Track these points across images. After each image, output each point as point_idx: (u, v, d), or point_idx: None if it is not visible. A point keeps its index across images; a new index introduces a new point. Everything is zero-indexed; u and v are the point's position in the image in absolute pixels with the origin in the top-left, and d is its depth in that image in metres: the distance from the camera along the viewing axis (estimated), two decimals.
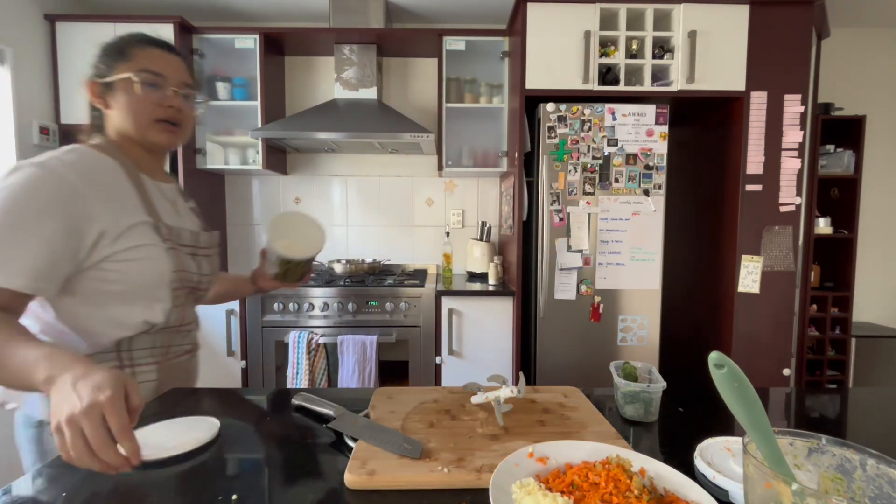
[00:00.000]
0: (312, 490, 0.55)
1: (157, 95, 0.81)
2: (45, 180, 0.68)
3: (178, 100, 0.83)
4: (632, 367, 0.81)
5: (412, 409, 0.75)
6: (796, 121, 1.96)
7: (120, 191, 0.77)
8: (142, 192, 0.81)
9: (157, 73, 0.80)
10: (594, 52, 1.96)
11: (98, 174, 0.75)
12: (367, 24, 2.34)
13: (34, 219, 0.66)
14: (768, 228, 1.99)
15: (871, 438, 0.74)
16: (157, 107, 0.81)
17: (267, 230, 0.95)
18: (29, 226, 0.66)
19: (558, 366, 1.99)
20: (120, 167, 0.79)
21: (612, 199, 1.94)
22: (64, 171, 0.70)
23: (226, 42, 2.32)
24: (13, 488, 0.55)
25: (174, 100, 0.82)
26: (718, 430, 0.69)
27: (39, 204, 0.67)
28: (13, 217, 0.65)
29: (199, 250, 0.91)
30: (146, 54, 0.81)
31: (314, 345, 2.00)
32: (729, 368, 0.40)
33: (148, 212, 0.80)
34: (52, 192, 0.68)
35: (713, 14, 1.94)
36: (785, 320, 2.00)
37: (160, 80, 0.81)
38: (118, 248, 0.74)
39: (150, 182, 0.85)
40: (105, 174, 0.76)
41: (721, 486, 0.53)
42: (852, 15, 2.56)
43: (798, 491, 0.34)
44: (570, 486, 0.49)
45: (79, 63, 2.20)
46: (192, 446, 0.63)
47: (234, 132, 2.43)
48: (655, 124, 1.92)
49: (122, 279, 0.76)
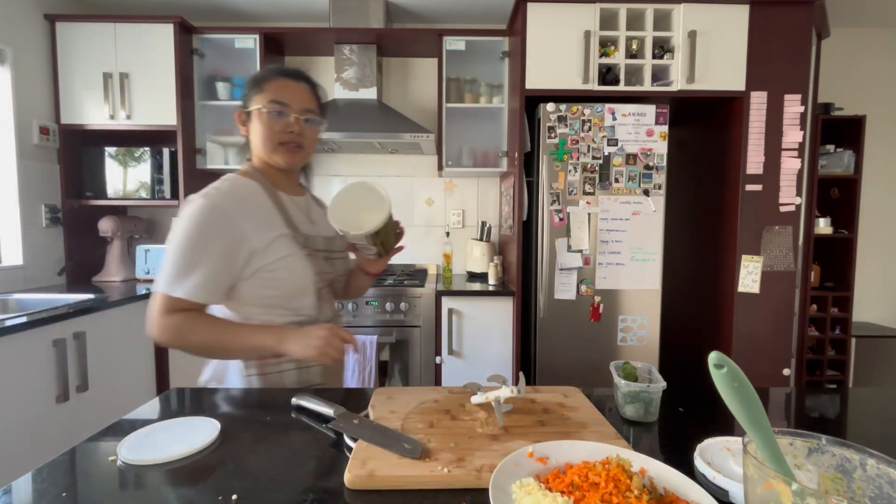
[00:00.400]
0: (312, 490, 0.55)
1: (282, 122, 0.91)
2: (206, 210, 0.83)
3: (299, 125, 0.92)
4: (632, 367, 0.81)
5: (412, 409, 0.75)
6: (796, 121, 1.96)
7: (263, 210, 0.90)
8: (280, 207, 0.93)
9: (282, 103, 0.90)
10: (594, 52, 1.96)
11: (245, 198, 0.89)
12: (367, 24, 2.34)
13: (202, 243, 0.83)
14: (768, 228, 1.99)
15: (871, 438, 0.74)
16: (281, 133, 0.91)
17: (331, 222, 0.91)
18: (199, 249, 0.82)
19: (558, 366, 1.99)
20: (261, 188, 0.93)
21: (612, 199, 1.94)
22: (220, 200, 0.85)
23: (226, 42, 2.32)
24: (13, 488, 0.55)
25: (296, 125, 0.92)
26: (718, 430, 0.69)
27: (204, 230, 0.83)
28: (191, 243, 0.82)
29: (334, 253, 1.02)
30: (276, 85, 0.91)
31: None
32: (729, 368, 0.40)
33: (287, 225, 0.92)
34: (213, 220, 0.84)
35: (713, 14, 1.94)
36: (785, 320, 2.00)
37: (285, 108, 0.91)
38: (267, 260, 0.88)
39: (286, 197, 0.97)
40: (251, 197, 0.90)
41: (721, 486, 0.53)
42: (852, 15, 2.56)
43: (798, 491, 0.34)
44: (570, 486, 0.49)
45: (79, 63, 2.20)
46: (192, 448, 0.63)
47: (234, 132, 2.42)
48: (655, 124, 1.92)
49: (275, 285, 0.89)
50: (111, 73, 2.19)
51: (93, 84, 2.20)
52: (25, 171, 2.08)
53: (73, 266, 2.31)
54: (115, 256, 2.39)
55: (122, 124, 2.22)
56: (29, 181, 2.10)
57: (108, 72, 2.19)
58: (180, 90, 2.21)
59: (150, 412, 0.79)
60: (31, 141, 2.10)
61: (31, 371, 1.47)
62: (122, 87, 2.20)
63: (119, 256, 2.40)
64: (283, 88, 0.91)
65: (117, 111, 2.21)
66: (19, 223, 2.06)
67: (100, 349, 1.74)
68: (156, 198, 2.31)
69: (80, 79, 2.20)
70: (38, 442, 1.48)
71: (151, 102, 2.21)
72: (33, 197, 2.12)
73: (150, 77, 2.20)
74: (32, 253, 2.12)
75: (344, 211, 0.92)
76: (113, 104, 2.20)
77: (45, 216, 2.17)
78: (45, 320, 1.49)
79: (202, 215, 0.83)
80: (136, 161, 2.30)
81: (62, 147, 2.24)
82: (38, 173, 2.15)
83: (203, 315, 0.86)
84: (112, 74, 2.19)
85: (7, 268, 2.02)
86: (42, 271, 2.18)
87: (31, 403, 1.47)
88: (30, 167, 2.10)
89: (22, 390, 1.43)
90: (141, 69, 2.20)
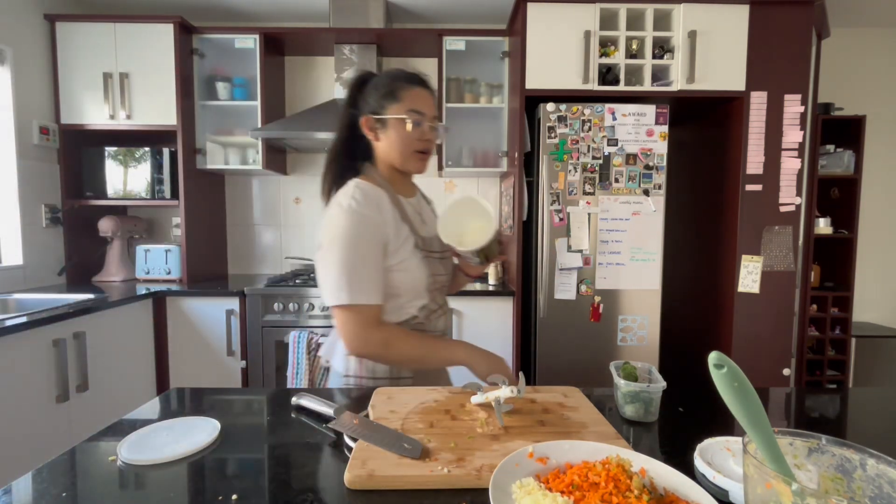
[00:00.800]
0: (312, 490, 0.55)
1: (419, 131, 0.95)
2: (356, 221, 0.88)
3: (432, 133, 0.97)
4: (632, 367, 0.81)
5: (412, 409, 0.75)
6: (796, 121, 1.96)
7: (391, 214, 0.94)
8: (402, 211, 0.96)
9: (421, 112, 0.94)
10: (594, 52, 1.96)
11: (378, 204, 0.92)
12: (367, 24, 2.34)
13: (363, 252, 0.88)
14: (768, 228, 1.99)
15: (871, 438, 0.74)
16: (418, 141, 0.95)
17: (443, 236, 0.97)
18: (363, 257, 0.88)
19: (558, 366, 1.99)
20: (385, 194, 0.95)
21: (612, 199, 1.94)
22: (363, 210, 0.89)
23: (226, 42, 2.32)
24: (13, 488, 0.55)
25: (430, 133, 0.96)
26: (718, 430, 0.69)
27: (361, 240, 0.88)
28: (355, 254, 0.87)
29: (445, 253, 1.05)
30: (413, 95, 0.94)
31: (314, 345, 1.99)
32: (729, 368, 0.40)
33: (410, 230, 0.96)
34: (365, 228, 0.88)
35: (713, 14, 1.94)
36: (785, 320, 2.00)
37: (422, 117, 0.94)
38: (394, 261, 0.93)
39: (403, 200, 1.00)
40: (381, 202, 0.93)
41: (721, 486, 0.53)
42: (852, 15, 2.56)
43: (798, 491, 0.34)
44: (570, 486, 0.49)
45: (79, 63, 2.20)
46: (192, 448, 0.63)
47: (234, 132, 2.43)
48: (655, 124, 1.92)
49: (394, 285, 0.94)
50: (111, 73, 2.19)
51: (93, 84, 2.20)
52: (25, 171, 2.08)
53: (73, 266, 2.31)
54: (115, 256, 2.39)
55: (122, 124, 2.22)
56: (29, 181, 2.10)
57: (108, 72, 2.19)
58: (180, 90, 2.21)
59: (150, 412, 0.79)
60: (31, 141, 2.10)
61: (31, 371, 1.47)
62: (122, 87, 2.20)
63: (119, 256, 2.40)
64: (417, 97, 0.94)
65: (117, 111, 2.21)
66: (19, 223, 2.06)
67: (100, 349, 1.75)
68: (156, 198, 2.31)
69: (80, 79, 2.20)
70: (38, 442, 1.48)
71: (151, 102, 2.21)
72: (33, 197, 2.12)
73: (150, 77, 2.20)
74: (32, 253, 2.12)
75: (451, 225, 0.98)
76: (113, 104, 2.20)
77: (45, 216, 2.17)
78: (45, 320, 1.49)
79: (355, 227, 0.87)
80: (136, 161, 2.30)
81: (62, 147, 2.24)
82: (38, 173, 2.15)
83: (402, 329, 0.93)
84: (112, 74, 2.19)
85: (7, 268, 2.02)
86: (42, 271, 2.18)
87: (31, 403, 1.47)
88: (30, 167, 2.10)
89: (22, 390, 1.43)
90: (141, 69, 2.20)
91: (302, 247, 2.72)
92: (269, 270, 2.72)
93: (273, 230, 2.72)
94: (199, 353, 2.09)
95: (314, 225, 2.73)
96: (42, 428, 1.50)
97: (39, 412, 1.50)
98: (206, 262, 2.48)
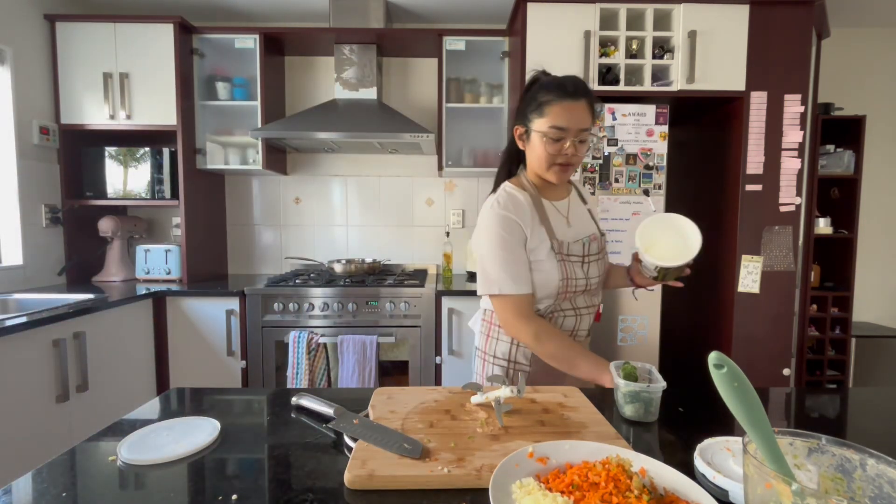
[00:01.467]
0: (312, 490, 0.55)
1: (559, 146, 0.98)
2: (502, 220, 0.99)
3: (573, 148, 0.98)
4: (632, 367, 0.81)
5: (412, 409, 0.75)
6: (796, 121, 1.96)
7: (530, 216, 1.02)
8: (542, 215, 1.03)
9: (562, 128, 0.96)
10: (594, 52, 1.96)
11: (519, 206, 1.01)
12: (367, 24, 2.34)
13: (510, 248, 0.99)
14: (768, 228, 1.99)
15: (871, 438, 0.74)
16: (557, 155, 0.98)
17: (637, 238, 0.97)
18: (511, 252, 0.99)
19: None
20: (528, 197, 1.04)
21: (612, 199, 1.94)
22: (505, 212, 1.00)
23: (226, 42, 2.32)
24: (13, 488, 0.55)
25: (570, 149, 0.98)
26: (718, 430, 0.69)
27: (509, 236, 0.99)
28: (506, 249, 0.99)
29: (589, 257, 1.06)
30: (558, 109, 0.96)
31: (314, 345, 2.00)
32: (729, 368, 0.40)
33: (547, 232, 1.02)
34: (511, 226, 0.99)
35: (713, 14, 1.94)
36: (785, 320, 2.00)
37: (563, 133, 0.96)
38: (531, 259, 1.00)
39: (548, 204, 1.07)
40: (522, 205, 1.02)
41: (721, 486, 0.53)
42: (852, 15, 2.56)
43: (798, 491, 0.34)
44: (570, 486, 0.49)
45: (79, 63, 2.20)
46: (192, 448, 0.63)
47: (234, 132, 2.43)
48: (655, 124, 1.92)
49: None
50: (111, 73, 2.19)
51: (93, 84, 2.20)
52: (25, 171, 2.08)
53: (73, 266, 2.31)
54: (114, 256, 2.39)
55: (122, 124, 2.22)
56: (29, 181, 2.10)
57: (108, 72, 2.19)
58: (180, 90, 2.21)
59: (150, 412, 0.79)
60: (31, 141, 2.10)
61: (31, 371, 1.47)
62: (122, 87, 2.20)
63: (119, 256, 2.40)
64: (563, 112, 0.95)
65: (117, 111, 2.21)
66: (19, 223, 2.06)
67: (100, 349, 1.75)
68: (156, 198, 2.31)
69: (80, 79, 2.20)
70: (38, 442, 1.48)
71: (151, 102, 2.21)
72: (33, 197, 2.12)
73: (150, 77, 2.20)
74: (32, 253, 2.12)
75: (654, 230, 0.98)
76: (113, 104, 2.20)
77: (45, 216, 2.17)
78: (44, 320, 1.49)
79: (499, 225, 0.99)
80: (136, 161, 2.30)
81: (62, 147, 2.24)
82: (38, 173, 2.15)
83: (553, 327, 1.01)
84: (112, 74, 2.19)
85: (7, 268, 2.02)
86: (42, 271, 2.18)
87: (31, 403, 1.47)
88: (30, 167, 2.10)
89: (22, 390, 1.43)
90: (141, 69, 2.20)
91: (302, 247, 2.73)
92: (269, 270, 2.72)
93: (273, 230, 2.72)
94: (199, 354, 2.09)
95: (314, 225, 2.73)
96: (42, 428, 1.50)
97: (39, 412, 1.50)
98: (206, 262, 2.48)
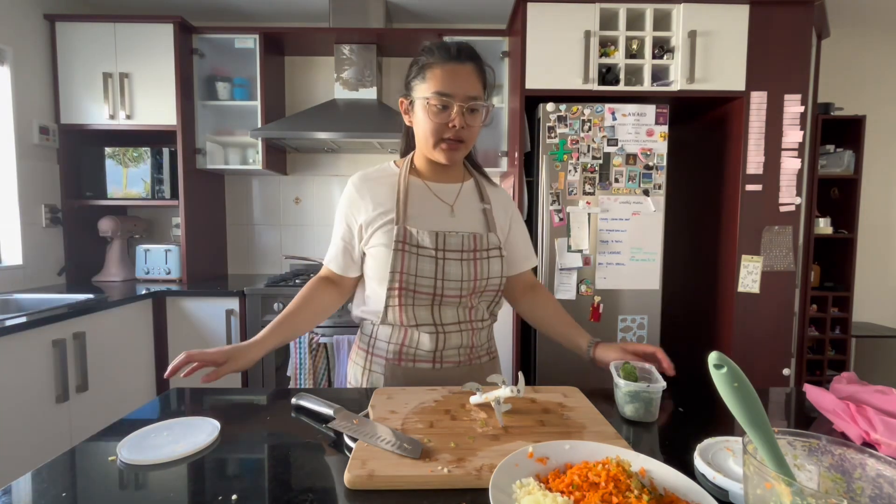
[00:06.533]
0: (312, 490, 0.55)
1: (444, 117, 0.84)
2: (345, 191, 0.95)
3: (461, 118, 0.85)
4: (632, 367, 0.81)
5: (412, 409, 0.75)
6: (796, 121, 1.96)
7: (385, 196, 0.91)
8: (404, 198, 0.90)
9: (445, 94, 0.83)
10: (594, 52, 1.96)
11: (373, 182, 0.93)
12: (367, 24, 2.34)
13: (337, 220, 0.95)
14: (768, 228, 1.99)
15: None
16: (443, 128, 0.85)
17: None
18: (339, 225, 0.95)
19: (558, 366, 1.99)
20: (398, 176, 0.93)
21: (612, 199, 1.94)
22: (352, 183, 0.94)
23: (226, 42, 2.32)
24: (13, 488, 0.55)
25: (458, 119, 0.84)
26: (718, 430, 0.69)
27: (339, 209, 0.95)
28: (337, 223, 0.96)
29: (463, 254, 0.90)
30: (440, 73, 0.84)
31: (315, 344, 2.00)
32: (729, 368, 0.40)
33: (398, 216, 0.89)
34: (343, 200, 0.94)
35: (713, 14, 1.94)
36: (785, 320, 2.00)
37: (448, 100, 0.84)
38: (367, 242, 0.92)
39: (423, 187, 0.94)
40: (380, 182, 0.93)
41: (721, 486, 0.53)
42: (852, 15, 2.56)
43: (798, 491, 0.34)
44: (570, 486, 0.49)
45: (79, 63, 2.20)
46: (192, 448, 0.63)
47: (234, 132, 2.43)
48: (655, 124, 1.92)
49: (368, 267, 0.94)
50: (111, 73, 2.19)
51: (93, 84, 2.20)
52: (25, 171, 2.08)
53: (72, 266, 2.31)
54: (114, 256, 2.39)
55: (122, 124, 2.22)
56: (29, 181, 2.10)
57: (108, 72, 2.19)
58: (180, 90, 2.21)
59: (150, 412, 0.79)
60: (31, 141, 2.10)
61: (31, 371, 1.47)
62: (122, 87, 2.20)
63: (119, 256, 2.40)
64: (446, 76, 0.83)
65: (117, 111, 2.21)
66: (19, 223, 2.06)
67: (100, 349, 1.74)
68: (156, 198, 2.31)
69: (80, 79, 2.20)
70: (38, 442, 1.48)
71: (151, 102, 2.21)
72: (33, 197, 2.12)
73: (150, 77, 2.20)
74: (32, 253, 2.12)
75: None
76: (113, 104, 2.20)
77: (44, 216, 2.17)
78: (44, 320, 1.49)
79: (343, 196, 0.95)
80: (136, 161, 2.30)
81: (62, 147, 2.24)
82: (37, 173, 2.15)
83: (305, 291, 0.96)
84: (112, 74, 2.19)
85: (7, 268, 2.02)
86: (42, 271, 2.18)
87: (31, 403, 1.47)
88: (30, 167, 2.10)
89: (22, 390, 1.43)
90: (141, 69, 2.20)
91: (302, 247, 2.72)
92: (269, 270, 2.72)
93: (273, 230, 2.72)
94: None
95: (314, 224, 2.73)
96: (42, 428, 1.50)
97: (39, 412, 1.50)
98: (205, 262, 2.48)
